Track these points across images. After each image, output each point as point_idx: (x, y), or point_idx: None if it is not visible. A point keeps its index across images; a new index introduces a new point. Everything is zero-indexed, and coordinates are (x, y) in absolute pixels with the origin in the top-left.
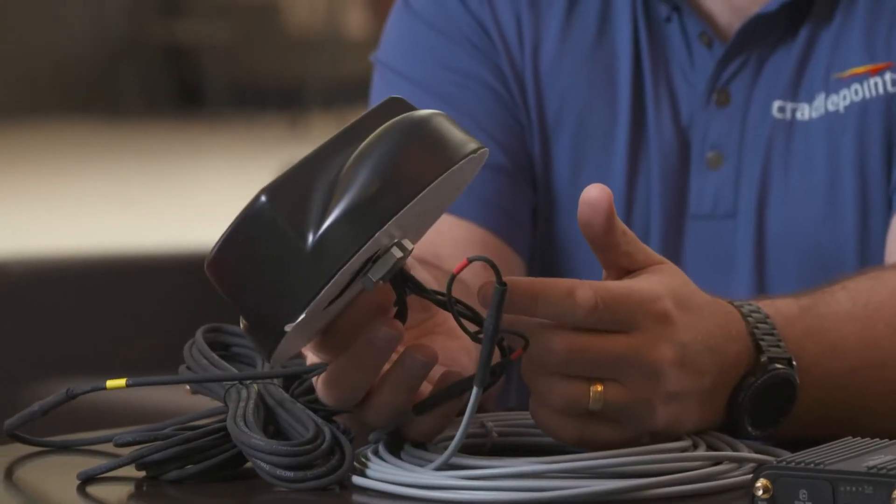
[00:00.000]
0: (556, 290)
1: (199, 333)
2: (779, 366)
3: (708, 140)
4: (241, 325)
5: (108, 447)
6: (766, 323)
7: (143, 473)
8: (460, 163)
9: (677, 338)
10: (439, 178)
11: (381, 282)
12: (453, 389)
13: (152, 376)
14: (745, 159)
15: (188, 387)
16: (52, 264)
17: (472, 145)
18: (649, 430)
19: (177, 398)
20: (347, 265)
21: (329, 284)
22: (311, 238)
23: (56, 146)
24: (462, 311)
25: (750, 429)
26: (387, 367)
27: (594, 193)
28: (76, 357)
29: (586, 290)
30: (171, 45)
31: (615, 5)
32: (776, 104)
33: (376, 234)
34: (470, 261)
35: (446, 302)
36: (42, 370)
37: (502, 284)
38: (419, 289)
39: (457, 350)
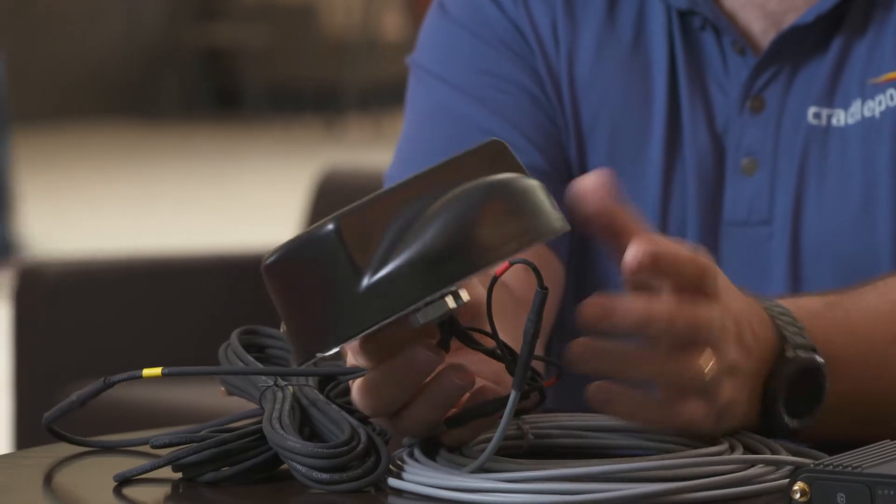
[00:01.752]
0: (685, 258)
1: (234, 336)
2: (802, 353)
3: (742, 147)
4: (281, 328)
5: (145, 448)
6: (786, 315)
7: (179, 475)
8: (538, 242)
9: (732, 309)
10: (512, 255)
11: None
12: (487, 408)
13: (189, 367)
14: (780, 166)
15: (223, 389)
16: (89, 267)
17: (557, 224)
18: (715, 409)
19: (212, 400)
20: (393, 318)
21: (369, 331)
22: (366, 280)
23: (95, 150)
24: (501, 353)
25: (786, 419)
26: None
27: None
28: (113, 359)
29: (703, 255)
30: (208, 49)
31: (650, 14)
32: (811, 110)
33: (431, 297)
34: (511, 263)
35: (480, 347)
36: (79, 373)
37: (543, 288)
38: (464, 337)
39: (499, 363)
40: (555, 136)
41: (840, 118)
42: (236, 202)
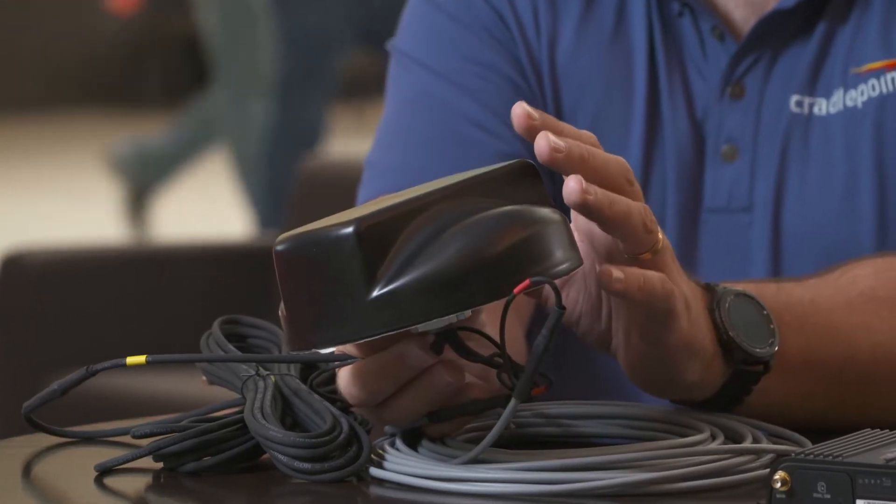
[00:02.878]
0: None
1: (215, 325)
2: (731, 290)
3: (723, 133)
4: (280, 311)
5: (126, 438)
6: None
7: (160, 465)
8: (550, 280)
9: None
10: (526, 290)
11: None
12: (473, 407)
13: (172, 354)
14: (761, 153)
15: (204, 378)
16: (73, 256)
17: (573, 263)
18: (675, 335)
19: (197, 390)
20: (396, 332)
21: (369, 339)
22: (376, 291)
23: (78, 138)
24: (505, 365)
25: (746, 344)
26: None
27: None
28: (96, 349)
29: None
30: (192, 37)
31: (630, 1)
32: (794, 98)
33: (438, 319)
34: (532, 283)
35: (474, 359)
36: (63, 362)
37: (561, 308)
38: (460, 349)
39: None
40: None
41: (822, 107)
42: (218, 191)
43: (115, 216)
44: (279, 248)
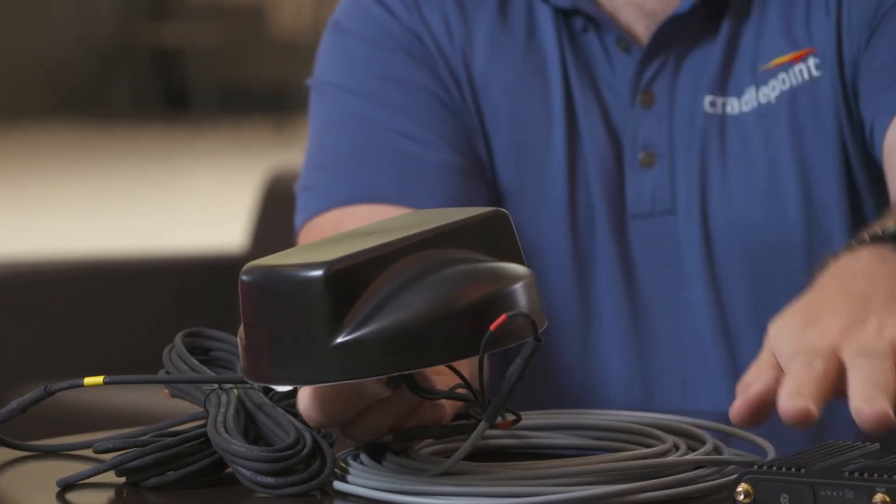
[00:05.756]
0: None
1: (178, 338)
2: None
3: (638, 141)
4: (238, 337)
5: (89, 453)
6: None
7: (123, 480)
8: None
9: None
10: (489, 351)
11: None
12: (436, 432)
13: (130, 375)
14: (679, 156)
15: (167, 391)
16: (36, 268)
17: (540, 322)
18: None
19: (160, 403)
20: (356, 381)
21: (328, 385)
22: (340, 338)
23: (43, 149)
24: (475, 395)
25: None
26: None
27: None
28: (58, 361)
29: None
30: (158, 49)
31: (539, 14)
32: (707, 99)
33: (399, 373)
34: (509, 317)
35: (430, 396)
36: (23, 374)
37: (537, 340)
38: (417, 388)
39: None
40: (466, 134)
41: (734, 106)
42: (185, 203)
43: (77, 227)
44: (245, 278)
